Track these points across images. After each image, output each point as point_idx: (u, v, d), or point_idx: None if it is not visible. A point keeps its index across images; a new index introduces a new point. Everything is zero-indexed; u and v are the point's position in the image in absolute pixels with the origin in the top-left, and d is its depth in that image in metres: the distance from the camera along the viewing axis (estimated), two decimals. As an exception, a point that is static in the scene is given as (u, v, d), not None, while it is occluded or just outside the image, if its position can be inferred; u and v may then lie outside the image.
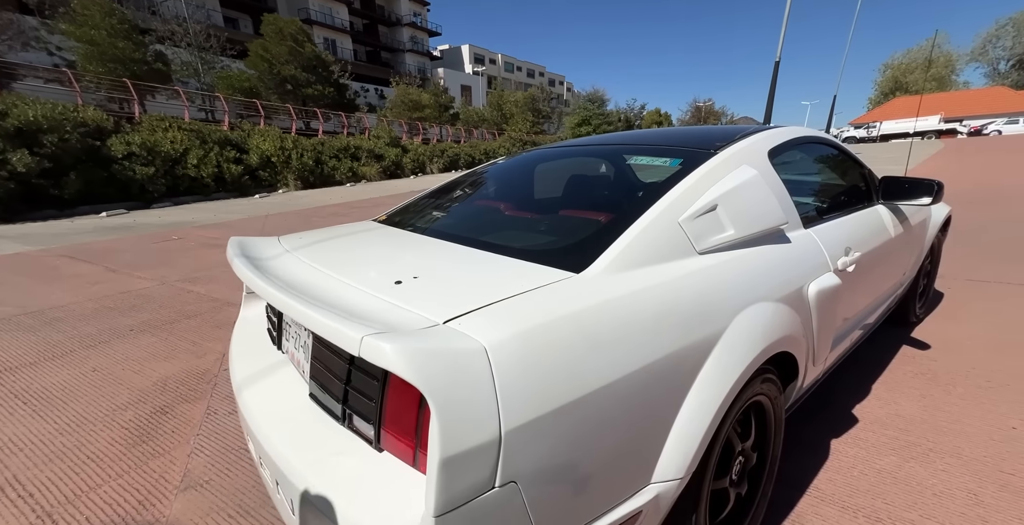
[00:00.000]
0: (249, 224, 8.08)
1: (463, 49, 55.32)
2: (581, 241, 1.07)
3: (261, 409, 1.06)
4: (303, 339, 1.09)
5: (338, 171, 16.42)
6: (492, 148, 27.54)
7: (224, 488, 1.62)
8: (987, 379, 2.11)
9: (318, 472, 0.84)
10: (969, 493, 1.43)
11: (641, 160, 1.47)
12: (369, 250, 1.29)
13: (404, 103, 29.98)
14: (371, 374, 0.83)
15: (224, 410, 2.12)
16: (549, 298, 0.85)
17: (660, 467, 0.90)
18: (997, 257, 4.13)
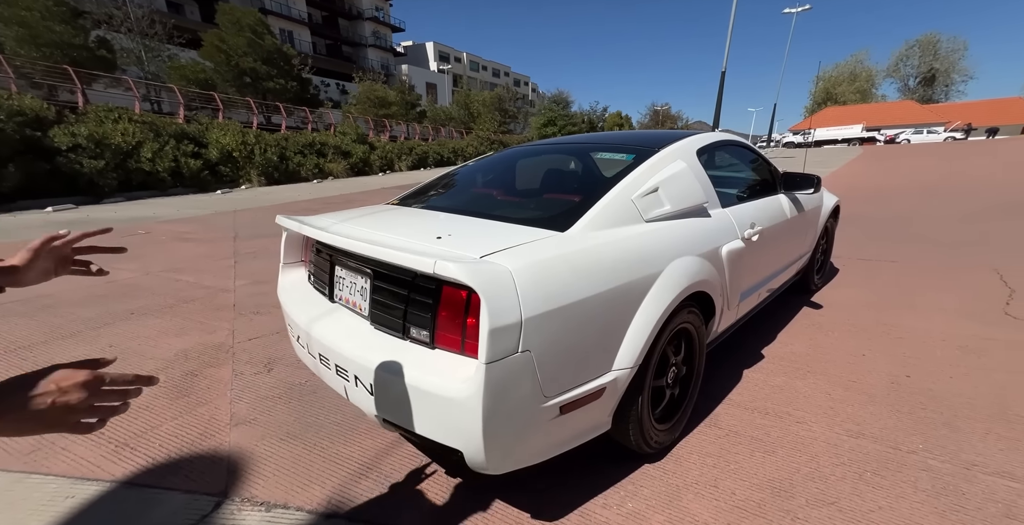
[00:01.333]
0: (220, 219, 8.06)
1: (428, 46, 54.87)
2: (563, 212, 1.53)
3: (334, 336, 1.45)
4: (360, 285, 1.49)
5: (303, 167, 16.21)
6: (461, 147, 27.70)
7: (269, 423, 1.98)
8: (854, 326, 2.79)
9: (390, 363, 1.25)
10: (825, 394, 2.04)
11: (605, 155, 1.96)
12: (403, 220, 1.71)
13: (370, 99, 29.61)
14: (428, 297, 1.25)
15: (249, 372, 2.45)
16: (545, 245, 1.31)
17: (618, 359, 1.37)
18: (881, 241, 5.03)
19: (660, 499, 1.48)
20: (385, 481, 1.61)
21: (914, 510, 1.39)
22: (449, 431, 1.18)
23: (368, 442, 1.83)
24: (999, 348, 2.46)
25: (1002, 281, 3.60)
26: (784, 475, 1.56)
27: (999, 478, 1.51)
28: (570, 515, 1.43)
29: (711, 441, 1.76)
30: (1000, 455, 1.63)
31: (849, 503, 1.42)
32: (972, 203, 7.59)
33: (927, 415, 1.88)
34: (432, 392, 1.15)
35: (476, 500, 1.51)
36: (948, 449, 1.66)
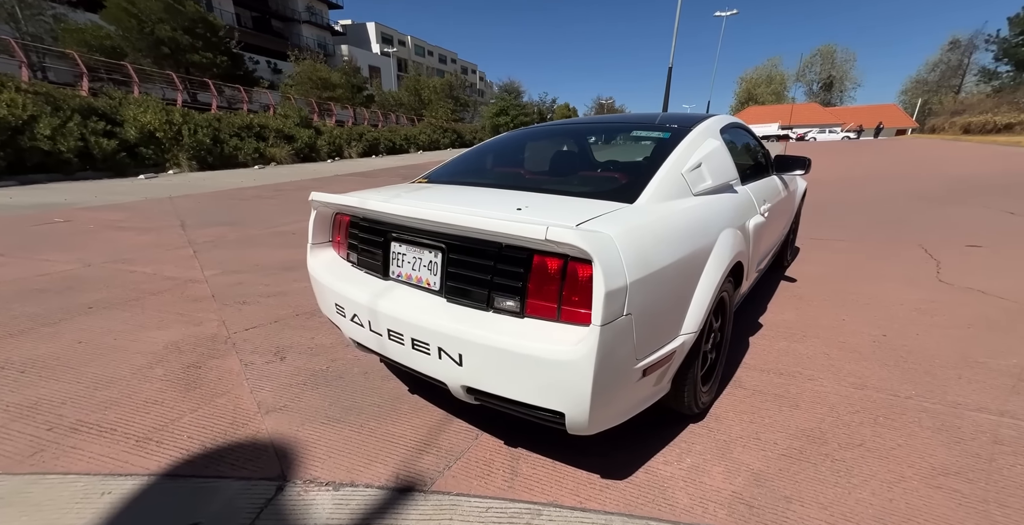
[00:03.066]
0: (155, 207, 7.32)
1: (369, 27, 51.98)
2: (624, 185, 1.59)
3: (409, 310, 1.41)
4: (428, 260, 1.46)
5: (241, 152, 14.99)
6: (413, 134, 26.82)
7: (304, 408, 1.89)
8: (827, 295, 3.13)
9: (483, 333, 1.25)
10: (824, 354, 2.29)
11: (641, 133, 2.03)
12: (462, 196, 1.68)
13: (311, 80, 27.71)
14: (518, 266, 1.26)
15: (260, 361, 2.30)
16: (625, 215, 1.36)
17: (685, 324, 1.45)
18: (825, 223, 5.60)
19: (713, 453, 1.61)
20: (447, 455, 1.61)
21: (925, 445, 1.62)
22: (551, 394, 1.21)
23: (416, 420, 1.81)
24: (944, 308, 2.86)
25: (927, 254, 4.15)
26: (813, 425, 1.74)
27: (980, 412, 1.79)
28: (636, 473, 1.52)
29: (741, 400, 1.92)
30: (974, 394, 1.92)
31: (873, 444, 1.63)
32: (883, 190, 8.60)
33: (910, 366, 2.16)
34: (538, 356, 1.17)
35: (545, 466, 1.56)
36: (935, 392, 1.94)
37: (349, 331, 1.67)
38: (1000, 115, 30.46)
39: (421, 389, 2.03)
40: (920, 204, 6.97)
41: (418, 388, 2.04)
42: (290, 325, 2.74)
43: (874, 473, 1.49)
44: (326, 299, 1.77)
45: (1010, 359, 2.22)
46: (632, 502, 1.40)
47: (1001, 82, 39.16)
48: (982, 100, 36.61)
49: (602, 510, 1.37)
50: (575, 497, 1.43)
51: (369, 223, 1.65)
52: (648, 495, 1.42)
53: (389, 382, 2.10)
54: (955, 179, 10.00)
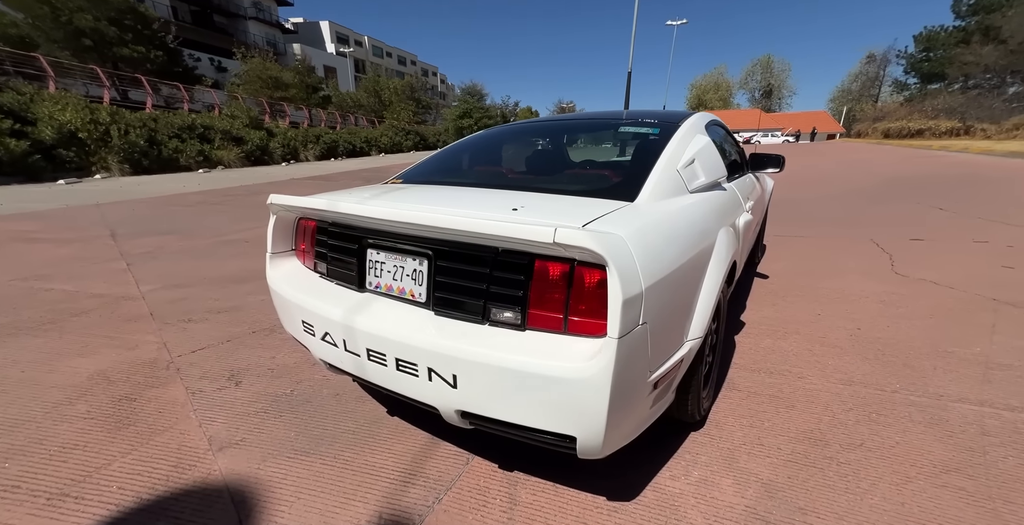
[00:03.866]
0: (79, 215, 6.60)
1: (323, 25, 49.98)
2: (620, 182, 1.48)
3: (391, 327, 1.23)
4: (411, 268, 1.29)
5: (183, 154, 13.93)
6: (374, 137, 26.02)
7: (266, 441, 1.65)
8: (799, 290, 3.20)
9: (479, 350, 1.10)
10: (808, 351, 2.30)
11: (629, 129, 1.94)
12: (447, 196, 1.51)
13: (261, 79, 26.27)
14: (518, 273, 1.12)
15: (211, 388, 2.03)
16: (629, 214, 1.25)
17: (691, 329, 1.36)
18: (784, 221, 5.83)
19: (720, 463, 1.53)
20: (436, 485, 1.44)
21: (921, 441, 1.61)
22: (561, 417, 1.07)
23: (398, 447, 1.63)
24: (905, 300, 2.98)
25: (879, 248, 4.38)
26: (812, 426, 1.71)
27: (962, 404, 1.83)
28: (644, 492, 1.41)
29: (737, 403, 1.87)
30: (952, 385, 1.96)
31: (873, 443, 1.61)
32: (829, 189, 9.14)
33: (888, 359, 2.20)
34: (546, 374, 1.03)
35: (546, 491, 1.42)
36: (917, 385, 1.97)
37: (319, 352, 1.47)
38: (913, 121, 33.45)
39: (402, 409, 1.84)
40: (862, 201, 7.43)
41: (398, 409, 1.84)
42: (246, 344, 2.45)
43: (880, 475, 1.45)
44: (291, 316, 1.56)
45: (974, 348, 2.31)
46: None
47: (911, 92, 43.10)
48: (897, 108, 40.12)
49: (613, 538, 1.25)
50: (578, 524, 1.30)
51: (341, 228, 1.45)
52: (659, 517, 1.32)
53: (364, 404, 1.89)
54: (887, 179, 10.80)
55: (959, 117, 29.61)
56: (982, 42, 29.45)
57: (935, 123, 31.01)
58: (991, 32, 28.88)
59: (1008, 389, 1.93)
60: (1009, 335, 2.43)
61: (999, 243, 4.47)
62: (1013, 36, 26.40)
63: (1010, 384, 1.97)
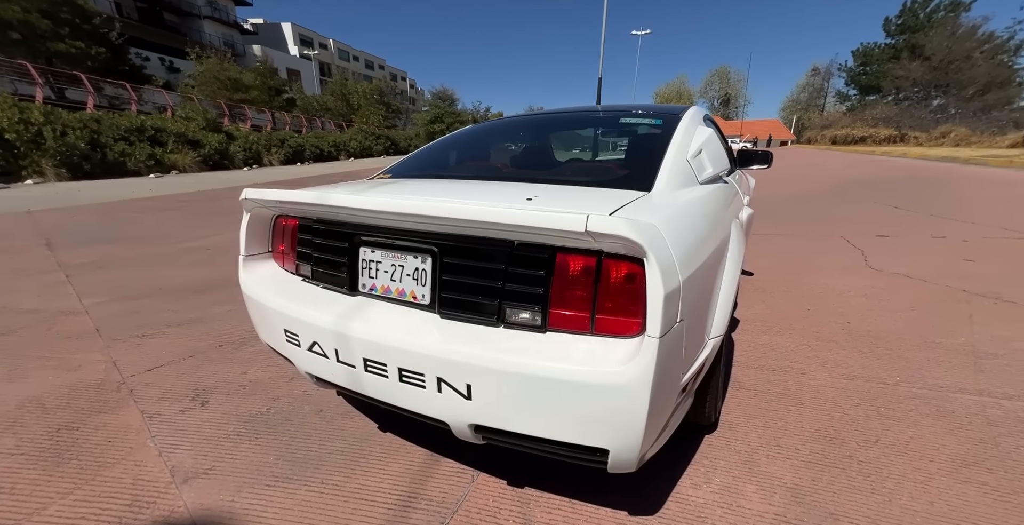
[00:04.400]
0: (6, 223, 6.01)
1: (285, 27, 48.23)
2: (634, 172, 1.39)
3: (394, 333, 1.09)
4: (413, 267, 1.15)
5: (132, 158, 13.05)
6: (343, 141, 25.33)
7: (239, 468, 1.46)
8: (786, 286, 3.23)
9: (497, 356, 0.97)
10: (806, 346, 2.28)
11: (632, 120, 1.86)
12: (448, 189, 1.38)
13: (219, 81, 25.06)
14: (539, 269, 1.00)
15: (171, 411, 1.79)
16: (652, 203, 1.15)
17: (713, 328, 1.28)
18: (760, 220, 5.97)
19: (740, 468, 1.45)
20: (441, 508, 1.29)
21: (934, 434, 1.59)
22: (592, 428, 0.96)
23: (394, 466, 1.46)
24: (885, 293, 3.05)
25: (851, 244, 4.52)
26: (825, 424, 1.66)
27: (962, 394, 1.83)
28: (667, 504, 1.31)
29: (747, 403, 1.81)
30: (948, 375, 1.98)
31: (888, 439, 1.57)
32: (794, 190, 9.52)
33: (883, 352, 2.21)
34: (576, 381, 0.91)
35: (562, 508, 1.29)
36: (916, 377, 1.97)
37: (306, 364, 1.29)
38: (856, 129, 35.74)
39: (395, 425, 1.67)
40: (826, 202, 7.75)
41: (391, 424, 1.68)
42: (211, 359, 2.21)
43: (903, 473, 1.41)
44: (270, 325, 1.37)
45: (959, 338, 2.35)
46: (673, 542, 1.18)
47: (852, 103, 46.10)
48: (841, 117, 42.79)
49: (642, 558, 1.14)
50: (607, 545, 1.18)
51: (328, 225, 1.29)
52: (687, 530, 1.22)
53: (352, 420, 1.72)
54: (843, 180, 11.38)
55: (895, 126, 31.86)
56: (910, 58, 31.89)
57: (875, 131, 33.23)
58: (916, 50, 31.36)
59: (1000, 377, 1.96)
60: (987, 324, 2.51)
61: (955, 238, 4.71)
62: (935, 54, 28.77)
63: (1001, 372, 2.00)
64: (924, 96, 31.45)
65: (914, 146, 28.36)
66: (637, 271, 0.94)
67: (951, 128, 25.50)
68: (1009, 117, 23.71)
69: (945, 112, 29.02)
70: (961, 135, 24.70)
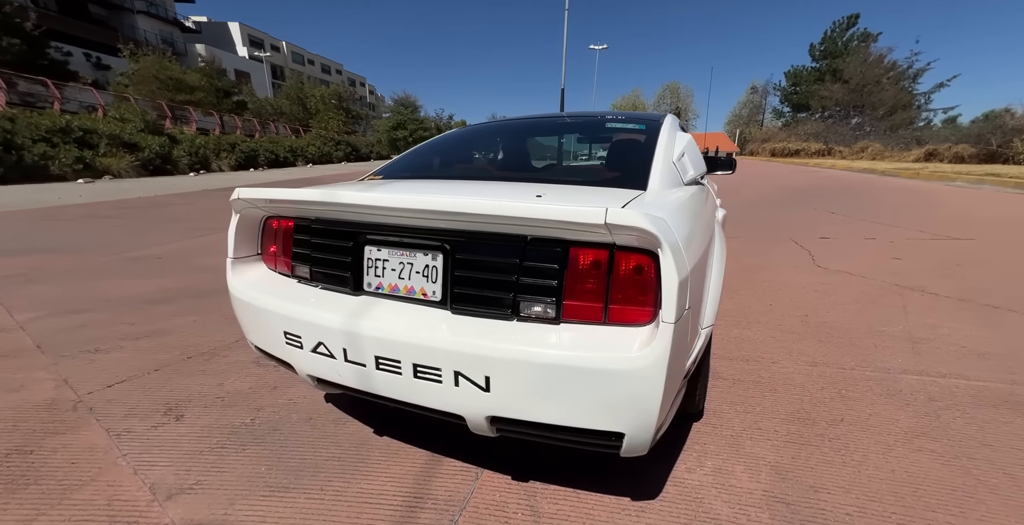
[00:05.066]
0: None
1: (232, 27, 45.70)
2: (628, 173, 1.47)
3: (397, 332, 1.09)
4: (423, 264, 1.16)
5: (56, 162, 11.91)
6: (300, 146, 24.29)
7: (230, 480, 1.38)
8: (748, 284, 3.45)
9: (515, 348, 1.00)
10: (773, 338, 2.46)
11: (617, 125, 1.96)
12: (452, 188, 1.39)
13: (159, 80, 23.40)
14: (553, 262, 1.04)
15: (142, 427, 1.67)
16: (651, 200, 1.23)
17: (707, 316, 1.37)
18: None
19: (728, 451, 1.54)
20: (448, 506, 1.29)
21: (888, 411, 1.77)
22: (608, 413, 1.00)
23: (396, 469, 1.45)
24: (833, 289, 3.34)
25: (799, 246, 4.91)
26: (797, 407, 1.80)
27: (907, 374, 2.05)
28: (666, 488, 1.38)
29: (726, 391, 1.92)
30: (893, 359, 2.20)
31: (851, 417, 1.73)
32: (744, 197, 10.18)
33: (837, 340, 2.42)
34: (596, 368, 0.96)
35: (568, 498, 1.33)
36: (868, 361, 2.18)
37: (308, 366, 1.26)
38: (791, 143, 38.86)
39: (391, 428, 1.65)
40: (773, 208, 8.34)
41: (387, 428, 1.65)
42: (181, 372, 2.08)
43: (867, 446, 1.56)
44: (267, 328, 1.33)
45: (897, 326, 2.62)
46: (675, 523, 1.25)
47: (786, 119, 50.14)
48: (777, 132, 46.39)
49: (649, 540, 1.19)
50: (614, 530, 1.22)
51: (329, 225, 1.27)
52: (687, 512, 1.29)
53: (344, 426, 1.67)
54: (784, 188, 12.29)
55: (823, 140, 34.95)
56: (832, 81, 35.23)
57: (807, 145, 36.27)
58: (837, 73, 34.77)
59: (934, 359, 2.20)
60: (918, 314, 2.81)
61: (883, 239, 5.23)
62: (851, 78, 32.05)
63: (933, 354, 2.25)
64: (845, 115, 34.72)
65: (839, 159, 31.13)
66: (645, 262, 1.00)
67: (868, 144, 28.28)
68: (912, 135, 26.69)
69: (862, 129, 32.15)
70: (876, 150, 27.41)
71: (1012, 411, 1.77)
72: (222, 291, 3.14)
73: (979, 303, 3.01)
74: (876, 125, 30.97)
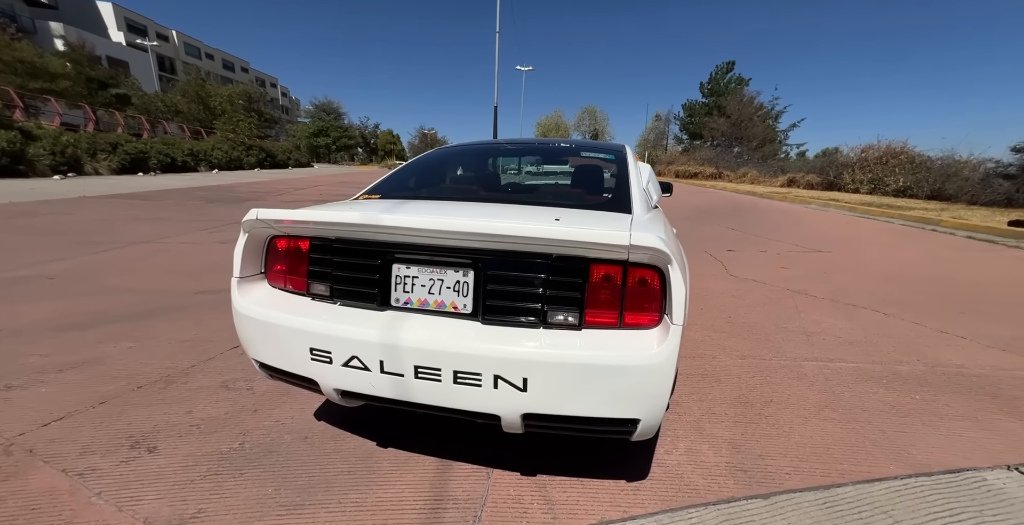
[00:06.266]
0: None
1: (103, 7, 39.34)
2: (613, 198, 1.71)
3: (438, 343, 1.19)
4: (453, 280, 1.28)
5: None
6: (203, 149, 21.61)
7: (235, 504, 1.35)
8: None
9: (547, 352, 1.17)
10: (708, 338, 2.87)
11: (591, 153, 2.21)
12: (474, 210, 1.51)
13: (3, 62, 19.58)
14: (577, 277, 1.23)
15: (108, 464, 1.53)
16: (642, 223, 1.47)
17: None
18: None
19: (695, 434, 1.83)
20: (468, 504, 1.39)
21: (798, 391, 2.20)
22: (627, 402, 1.20)
23: (408, 476, 1.51)
24: (745, 294, 3.94)
25: (713, 257, 5.64)
26: (737, 393, 2.16)
27: (808, 361, 2.54)
28: (652, 470, 1.61)
29: (682, 384, 2.23)
30: (796, 349, 2.71)
31: (778, 397, 2.13)
32: (656, 214, 11.28)
33: (756, 337, 2.90)
34: (621, 365, 1.15)
35: (574, 486, 1.50)
36: (780, 352, 2.65)
37: (336, 381, 1.29)
38: (690, 166, 43.85)
39: (393, 440, 1.69)
40: (688, 224, 9.35)
41: (389, 439, 1.69)
42: (134, 403, 1.90)
43: (791, 420, 1.94)
44: (289, 345, 1.33)
45: (794, 323, 3.20)
46: (665, 497, 1.47)
47: (684, 146, 56.50)
48: (679, 156, 52.02)
49: (648, 514, 1.40)
50: (618, 509, 1.42)
51: (354, 244, 1.33)
52: (673, 486, 1.52)
53: (345, 441, 1.68)
54: (689, 207, 13.82)
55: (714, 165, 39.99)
56: (718, 115, 40.73)
57: (703, 168, 41.17)
58: (721, 109, 40.38)
59: (823, 347, 2.75)
60: (807, 312, 3.44)
61: (772, 252, 6.20)
62: (732, 114, 37.51)
63: (822, 344, 2.80)
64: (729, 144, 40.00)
65: (728, 182, 35.73)
66: (650, 275, 1.23)
67: (748, 170, 32.96)
68: (778, 164, 31.82)
69: (742, 157, 37.25)
70: (754, 175, 32.04)
71: (876, 384, 2.30)
72: (154, 313, 2.89)
73: (843, 302, 3.76)
74: (752, 154, 36.25)
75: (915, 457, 1.72)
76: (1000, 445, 1.81)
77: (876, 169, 18.58)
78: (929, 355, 2.70)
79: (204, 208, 8.07)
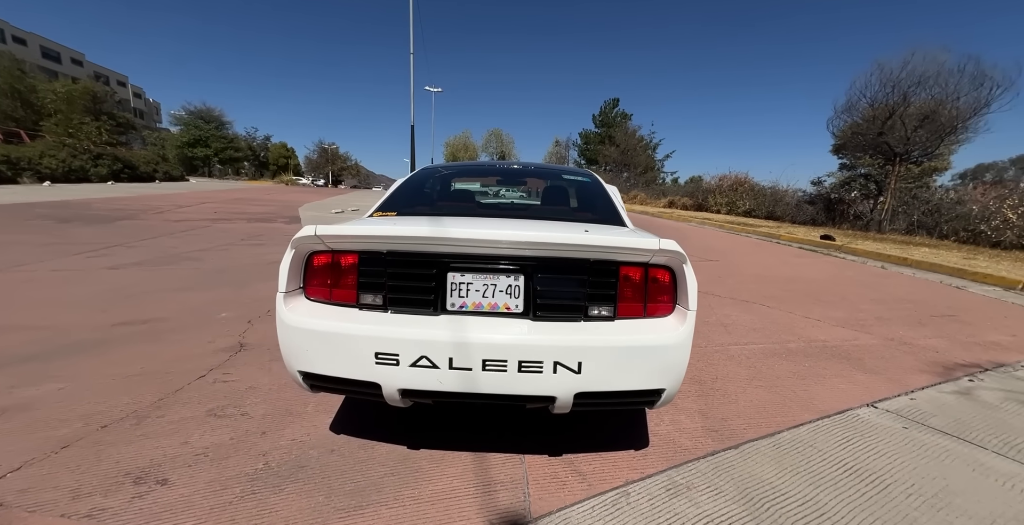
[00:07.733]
0: None
1: None
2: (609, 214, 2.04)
3: (505, 339, 1.37)
4: (504, 285, 1.48)
5: None
6: (28, 156, 17.35)
7: (291, 518, 1.35)
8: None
9: (595, 339, 1.43)
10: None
11: (569, 177, 2.52)
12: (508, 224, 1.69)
13: None
14: (611, 277, 1.51)
15: (117, 503, 1.39)
16: (638, 231, 1.81)
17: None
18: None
19: (673, 410, 2.18)
20: (514, 485, 1.55)
21: (733, 367, 2.72)
22: (657, 376, 1.48)
23: (451, 470, 1.62)
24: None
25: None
26: (694, 374, 2.60)
27: (731, 346, 3.12)
28: (650, 439, 1.92)
29: (645, 371, 2.62)
30: (721, 337, 3.29)
31: (721, 374, 2.62)
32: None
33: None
34: (655, 345, 1.44)
35: (597, 459, 1.74)
36: (711, 340, 3.21)
37: (402, 381, 1.37)
38: (590, 188, 48.17)
39: (425, 442, 1.77)
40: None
41: (420, 443, 1.76)
42: (107, 442, 1.69)
43: (735, 391, 2.42)
44: (351, 352, 1.37)
45: (712, 317, 3.86)
46: (667, 457, 1.79)
47: (584, 169, 62.15)
48: (580, 179, 56.70)
49: (659, 471, 1.70)
50: (636, 471, 1.69)
51: (405, 256, 1.45)
52: (669, 449, 1.85)
53: (374, 449, 1.71)
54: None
55: (610, 188, 44.68)
56: (609, 144, 45.55)
57: (598, 189, 45.57)
58: (611, 139, 45.33)
59: (738, 334, 3.39)
60: (719, 309, 4.15)
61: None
62: (620, 144, 42.51)
63: (736, 332, 3.45)
64: (620, 170, 44.70)
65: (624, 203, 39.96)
66: (662, 274, 1.55)
67: (638, 193, 37.14)
68: (659, 189, 36.69)
69: (631, 181, 41.87)
70: (643, 197, 36.23)
71: (779, 358, 2.94)
72: (69, 351, 2.58)
73: (740, 299, 4.60)
74: (638, 179, 40.97)
75: (817, 406, 2.29)
76: (860, 391, 2.49)
77: (730, 194, 22.31)
78: (804, 334, 3.48)
79: (60, 229, 6.76)
